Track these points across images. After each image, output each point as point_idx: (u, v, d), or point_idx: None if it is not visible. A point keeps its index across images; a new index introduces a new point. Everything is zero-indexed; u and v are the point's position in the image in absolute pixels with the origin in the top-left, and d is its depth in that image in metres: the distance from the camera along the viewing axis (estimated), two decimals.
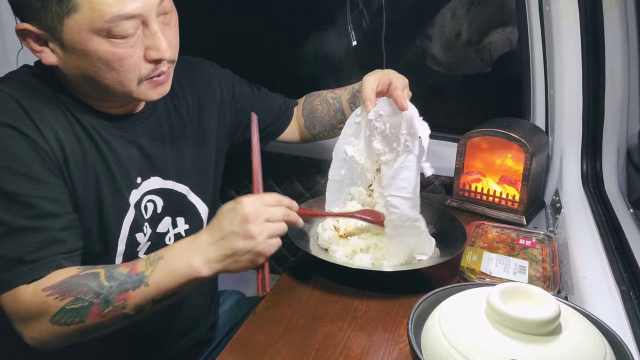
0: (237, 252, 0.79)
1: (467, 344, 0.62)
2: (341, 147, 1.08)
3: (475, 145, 1.29)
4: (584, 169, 1.28)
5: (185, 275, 0.79)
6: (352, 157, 1.08)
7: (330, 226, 1.06)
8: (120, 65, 0.79)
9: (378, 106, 1.03)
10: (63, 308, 0.76)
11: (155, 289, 0.79)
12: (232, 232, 0.79)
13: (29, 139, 0.79)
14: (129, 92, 0.83)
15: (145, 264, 0.80)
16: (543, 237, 1.07)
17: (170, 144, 0.99)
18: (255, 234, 0.79)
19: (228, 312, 1.25)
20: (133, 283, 0.78)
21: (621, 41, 1.18)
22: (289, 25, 1.71)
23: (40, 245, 0.78)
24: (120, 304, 0.78)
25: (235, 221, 0.80)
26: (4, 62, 1.63)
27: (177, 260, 0.80)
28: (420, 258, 0.99)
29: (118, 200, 0.89)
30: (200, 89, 1.07)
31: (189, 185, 1.01)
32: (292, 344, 0.83)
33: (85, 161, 0.85)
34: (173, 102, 1.01)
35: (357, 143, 1.08)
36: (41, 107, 0.82)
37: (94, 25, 0.75)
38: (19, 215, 0.77)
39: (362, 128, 1.07)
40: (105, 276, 0.79)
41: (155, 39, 0.81)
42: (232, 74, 1.16)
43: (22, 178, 0.77)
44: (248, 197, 0.82)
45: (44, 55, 0.80)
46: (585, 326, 0.65)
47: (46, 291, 0.77)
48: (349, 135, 1.08)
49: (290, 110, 1.24)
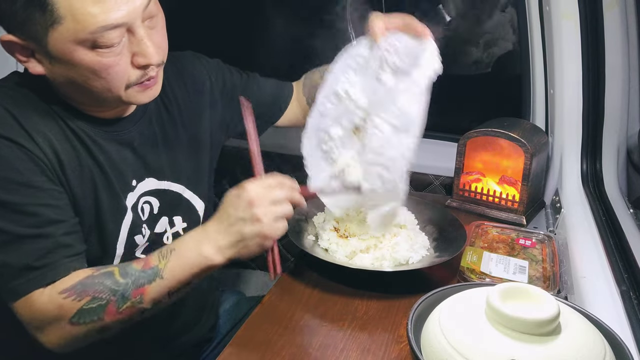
0: (246, 236, 0.80)
1: (466, 344, 0.62)
2: (337, 76, 0.98)
3: (475, 145, 1.29)
4: (584, 169, 1.28)
5: (199, 265, 0.81)
6: (346, 90, 0.97)
7: (330, 226, 1.06)
8: (108, 73, 0.79)
9: (391, 37, 0.93)
10: (81, 309, 0.77)
11: (171, 281, 0.80)
12: (238, 218, 0.80)
13: (23, 148, 0.78)
14: (117, 97, 0.83)
15: (158, 257, 0.82)
16: (543, 237, 1.07)
17: (163, 144, 0.98)
18: (261, 217, 0.80)
19: (228, 312, 1.25)
20: (148, 277, 0.80)
21: (621, 41, 1.18)
22: (288, 25, 1.71)
23: (47, 251, 0.78)
24: (137, 299, 0.79)
25: (241, 207, 0.81)
26: (4, 63, 1.63)
27: (189, 251, 0.81)
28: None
29: (115, 204, 0.89)
30: (190, 86, 1.06)
31: (184, 183, 1.01)
32: (292, 344, 0.83)
33: (80, 167, 0.85)
34: (163, 101, 1.00)
35: (354, 77, 0.97)
36: (32, 115, 0.82)
37: (78, 36, 0.74)
38: (22, 224, 0.77)
39: (365, 62, 0.96)
40: (119, 273, 0.80)
41: (141, 45, 0.79)
42: (221, 63, 1.14)
43: (21, 187, 0.77)
44: (251, 182, 0.83)
45: (31, 65, 0.80)
46: (585, 326, 0.65)
47: (63, 294, 0.77)
48: (348, 66, 0.97)
49: (285, 93, 1.21)
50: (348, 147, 1.00)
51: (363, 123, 0.97)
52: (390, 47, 0.93)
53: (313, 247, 1.04)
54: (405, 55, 0.92)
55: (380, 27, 0.94)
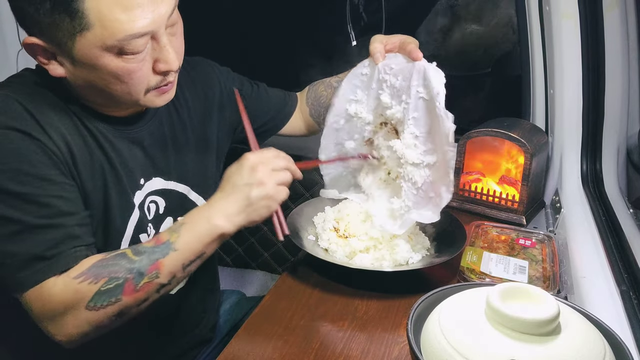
0: (253, 200, 0.83)
1: (466, 344, 0.62)
2: (345, 96, 1.06)
3: (475, 145, 1.29)
4: (584, 169, 1.28)
5: (210, 234, 0.82)
6: (355, 110, 1.06)
7: (330, 227, 1.06)
8: (131, 78, 0.81)
9: (388, 59, 1.00)
10: (98, 291, 0.77)
11: (184, 253, 0.81)
12: (244, 184, 0.84)
13: (37, 142, 0.79)
14: (136, 101, 0.85)
15: (169, 232, 0.83)
16: (543, 237, 1.07)
17: (172, 145, 0.99)
18: (265, 180, 0.84)
19: (228, 312, 1.25)
20: (162, 251, 0.81)
21: (621, 41, 1.18)
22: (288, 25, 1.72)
23: (58, 242, 0.78)
24: (153, 274, 0.80)
25: (245, 174, 0.84)
26: (4, 63, 1.63)
27: (200, 222, 0.83)
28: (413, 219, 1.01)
29: (124, 201, 0.90)
30: (200, 90, 1.07)
31: (189, 185, 1.02)
32: (292, 344, 0.83)
33: (92, 162, 0.86)
34: (174, 104, 1.02)
35: (361, 96, 1.06)
36: (46, 110, 0.83)
37: (106, 43, 0.76)
38: (34, 215, 0.77)
39: (368, 81, 1.04)
40: (132, 252, 0.80)
41: (164, 52, 0.81)
42: (230, 72, 1.16)
43: (34, 179, 0.78)
44: (251, 152, 0.87)
45: (52, 68, 0.81)
46: (585, 326, 0.65)
47: (78, 278, 0.77)
48: (355, 86, 1.05)
49: (290, 103, 1.24)
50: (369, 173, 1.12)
51: (372, 135, 1.08)
52: (387, 68, 1.01)
53: (313, 247, 1.04)
54: (400, 75, 0.99)
55: (379, 49, 1.00)
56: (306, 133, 1.29)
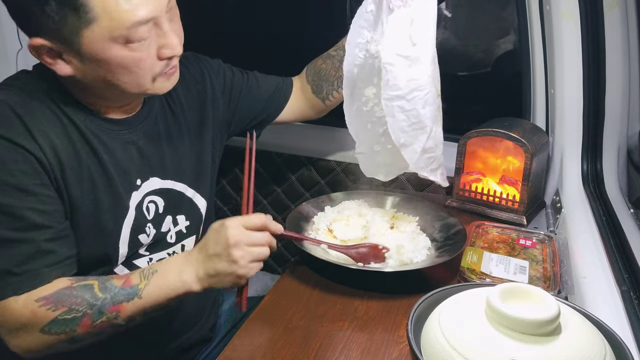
0: (220, 273, 0.84)
1: (466, 344, 0.62)
2: (353, 40, 0.99)
3: (475, 145, 1.29)
4: (585, 169, 1.28)
5: (177, 290, 0.84)
6: (364, 52, 0.99)
7: (325, 227, 1.07)
8: (138, 67, 0.82)
9: None
10: (55, 319, 0.78)
11: (148, 302, 0.82)
12: (215, 254, 0.84)
13: (21, 149, 0.79)
14: (144, 91, 0.86)
15: (140, 277, 0.83)
16: (543, 237, 1.07)
17: (167, 143, 0.99)
18: (237, 259, 0.83)
19: (228, 312, 1.25)
20: (127, 295, 0.81)
21: (621, 41, 1.17)
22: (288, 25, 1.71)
23: (26, 257, 0.78)
24: (112, 315, 0.81)
25: (220, 244, 0.84)
26: (4, 62, 1.63)
27: (170, 275, 0.84)
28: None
29: (116, 203, 0.90)
30: (192, 86, 1.07)
31: (186, 182, 1.02)
32: (292, 344, 0.83)
33: (80, 167, 0.86)
34: (168, 102, 1.02)
35: (368, 35, 0.98)
36: (38, 114, 0.83)
37: (113, 34, 0.77)
38: (6, 227, 0.78)
39: (375, 18, 0.97)
40: (99, 288, 0.81)
41: (167, 38, 0.83)
42: (222, 63, 1.15)
43: (12, 189, 0.78)
44: (233, 221, 0.85)
45: (59, 67, 0.81)
46: (585, 326, 0.65)
47: (39, 302, 0.78)
48: (360, 27, 0.98)
49: (285, 88, 1.22)
50: None
51: None
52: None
53: (313, 247, 1.04)
54: None
55: None
56: (312, 114, 1.26)
